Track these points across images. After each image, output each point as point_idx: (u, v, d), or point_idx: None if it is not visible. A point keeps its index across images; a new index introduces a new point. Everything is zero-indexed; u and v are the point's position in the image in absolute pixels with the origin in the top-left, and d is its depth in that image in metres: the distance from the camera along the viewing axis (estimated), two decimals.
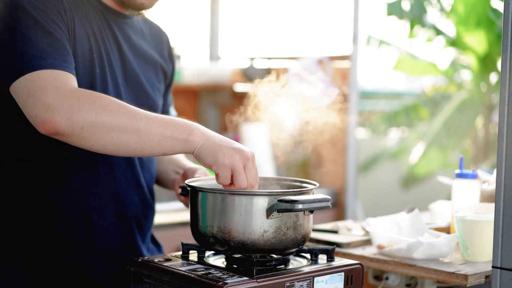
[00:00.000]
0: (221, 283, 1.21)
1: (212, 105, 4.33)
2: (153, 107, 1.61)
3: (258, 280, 1.25)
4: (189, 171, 1.63)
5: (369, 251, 1.74)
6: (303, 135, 3.88)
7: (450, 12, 4.61)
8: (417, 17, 4.57)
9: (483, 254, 1.64)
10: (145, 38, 1.66)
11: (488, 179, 1.98)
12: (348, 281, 1.37)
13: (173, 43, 1.79)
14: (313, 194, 1.37)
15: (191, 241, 1.48)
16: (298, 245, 1.36)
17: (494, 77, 4.61)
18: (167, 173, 1.72)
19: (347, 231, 1.92)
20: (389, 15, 4.58)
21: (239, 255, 1.36)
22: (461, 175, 1.82)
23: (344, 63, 3.78)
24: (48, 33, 1.36)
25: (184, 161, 1.73)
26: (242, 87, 4.22)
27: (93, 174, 1.51)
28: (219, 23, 4.44)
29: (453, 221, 1.75)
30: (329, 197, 1.30)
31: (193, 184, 1.41)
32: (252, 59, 4.18)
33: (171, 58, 1.75)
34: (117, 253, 1.55)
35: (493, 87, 4.58)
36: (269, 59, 4.19)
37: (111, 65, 1.53)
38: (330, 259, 1.40)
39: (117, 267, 1.54)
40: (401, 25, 4.76)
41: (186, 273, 1.29)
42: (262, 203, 1.30)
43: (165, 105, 1.75)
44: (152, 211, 1.67)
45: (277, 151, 3.80)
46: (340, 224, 2.00)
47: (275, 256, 1.38)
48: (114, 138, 1.29)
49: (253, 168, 1.32)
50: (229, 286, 1.21)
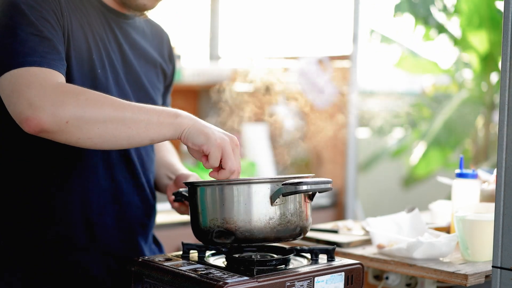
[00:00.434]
0: (221, 283, 1.21)
1: (212, 105, 4.33)
2: None
3: (258, 279, 1.25)
4: (181, 177, 1.63)
5: (369, 251, 1.74)
6: (303, 134, 3.88)
7: (454, 11, 4.61)
8: (421, 15, 4.56)
9: (483, 253, 1.64)
10: (146, 37, 1.66)
11: (488, 179, 1.98)
12: (348, 281, 1.37)
13: (173, 43, 1.79)
14: None
15: (191, 240, 1.48)
16: (300, 234, 1.36)
17: (495, 77, 4.60)
18: (160, 177, 1.72)
19: (347, 231, 1.92)
20: (396, 13, 4.59)
21: (239, 255, 1.36)
22: (461, 175, 1.82)
23: (344, 63, 3.78)
24: (39, 32, 1.36)
25: (177, 166, 1.73)
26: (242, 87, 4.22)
27: (93, 174, 1.50)
28: (219, 23, 4.44)
29: (453, 221, 1.75)
30: (330, 180, 1.32)
31: (191, 181, 1.40)
32: (252, 59, 4.18)
33: (171, 58, 1.74)
34: (118, 253, 1.55)
35: (494, 87, 4.57)
36: (269, 58, 4.19)
37: (113, 65, 1.53)
38: (330, 259, 1.40)
39: (118, 267, 1.54)
40: (404, 22, 4.76)
41: (186, 273, 1.29)
42: (265, 190, 1.30)
43: (164, 105, 1.75)
44: (153, 211, 1.67)
45: (277, 150, 3.80)
46: (340, 224, 2.00)
47: (275, 255, 1.38)
48: (100, 129, 1.28)
49: (239, 154, 1.34)
50: (230, 285, 1.21)
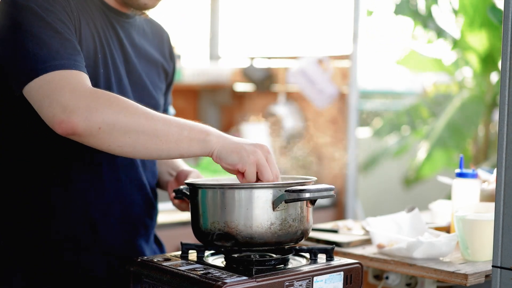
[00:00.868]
0: (220, 283, 1.21)
1: (212, 105, 4.33)
2: (156, 107, 1.61)
3: (257, 279, 1.24)
4: (182, 174, 1.63)
5: (369, 251, 1.73)
6: (304, 134, 3.88)
7: (456, 11, 4.61)
8: (421, 18, 4.56)
9: (483, 253, 1.63)
10: (146, 37, 1.66)
11: (488, 179, 1.98)
12: (347, 281, 1.37)
13: (174, 42, 1.79)
14: None
15: (192, 240, 1.47)
16: (300, 238, 1.36)
17: (495, 77, 4.60)
18: (160, 173, 1.72)
19: (347, 231, 1.92)
20: (396, 14, 4.59)
21: (238, 255, 1.36)
22: (461, 175, 1.82)
23: (344, 63, 3.78)
24: (58, 33, 1.35)
25: (178, 163, 1.73)
26: (242, 87, 4.22)
27: (97, 175, 1.50)
28: (219, 23, 4.44)
29: (453, 221, 1.75)
30: (333, 186, 1.32)
31: (194, 182, 1.40)
32: (252, 59, 4.18)
33: (172, 56, 1.75)
34: (121, 253, 1.55)
35: (494, 87, 4.57)
36: (269, 58, 4.19)
37: (115, 65, 1.53)
38: (329, 258, 1.40)
39: (120, 267, 1.54)
40: (404, 23, 4.76)
41: (185, 273, 1.28)
42: (267, 195, 1.30)
43: (165, 104, 1.75)
44: (155, 211, 1.67)
45: (277, 150, 3.80)
46: (340, 223, 2.00)
47: (274, 255, 1.38)
48: (131, 138, 1.28)
49: (273, 160, 1.34)
50: (228, 285, 1.20)
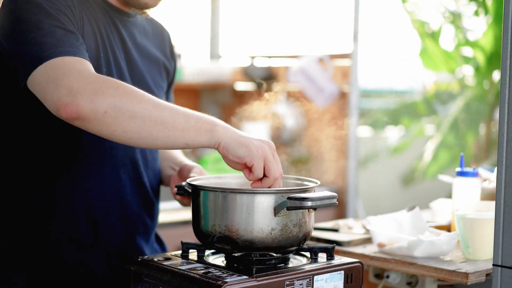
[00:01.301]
0: (220, 282, 1.21)
1: (213, 104, 4.33)
2: None
3: (257, 278, 1.24)
4: (185, 168, 1.62)
5: (369, 250, 1.73)
6: (304, 133, 3.88)
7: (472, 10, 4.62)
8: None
9: (483, 252, 1.63)
10: (148, 36, 1.66)
11: (489, 177, 1.98)
12: (348, 280, 1.37)
13: (174, 41, 1.79)
14: (314, 191, 1.37)
15: (192, 240, 1.47)
16: (301, 242, 1.36)
17: (497, 75, 4.59)
18: (163, 169, 1.71)
19: (348, 230, 1.92)
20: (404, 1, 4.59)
21: (238, 254, 1.36)
22: (461, 173, 1.81)
23: (344, 62, 3.77)
24: (61, 24, 1.35)
25: (180, 158, 1.73)
26: (242, 86, 4.22)
27: (99, 174, 1.50)
28: (220, 22, 4.44)
29: (453, 219, 1.75)
30: (336, 194, 1.31)
31: (196, 183, 1.40)
32: (252, 58, 4.18)
33: (173, 55, 1.75)
34: (121, 253, 1.55)
35: (496, 85, 4.56)
36: (270, 57, 4.19)
37: (118, 64, 1.53)
38: (330, 257, 1.40)
39: (121, 266, 1.54)
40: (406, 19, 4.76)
41: (185, 272, 1.28)
42: (269, 201, 1.30)
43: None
44: (156, 211, 1.67)
45: (278, 149, 3.80)
46: (340, 222, 1.99)
47: (275, 254, 1.38)
48: (137, 124, 1.25)
49: (278, 159, 1.33)
50: (229, 285, 1.20)
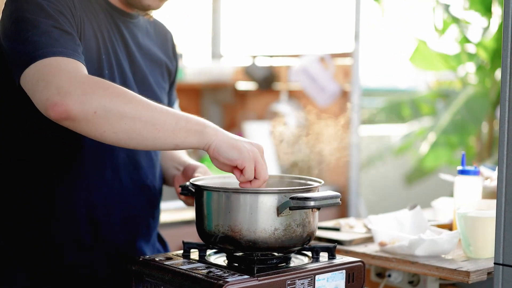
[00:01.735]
0: (221, 282, 1.21)
1: (214, 104, 4.33)
2: None
3: (259, 278, 1.24)
4: (189, 168, 1.62)
5: (371, 249, 1.73)
6: (306, 132, 3.87)
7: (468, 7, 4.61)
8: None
9: (485, 250, 1.63)
10: (150, 37, 1.66)
11: (490, 175, 1.98)
12: (349, 279, 1.37)
13: (176, 41, 1.80)
14: (318, 191, 1.37)
15: (194, 239, 1.47)
16: (305, 242, 1.36)
17: (500, 73, 4.58)
18: (167, 168, 1.71)
19: (349, 229, 1.92)
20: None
21: (240, 253, 1.36)
22: (463, 172, 1.81)
23: (346, 61, 3.77)
24: (60, 25, 1.35)
25: (184, 158, 1.73)
26: (244, 86, 4.22)
27: (100, 176, 1.50)
28: (221, 22, 4.44)
29: (455, 218, 1.75)
30: (339, 194, 1.30)
31: (199, 183, 1.40)
32: (254, 57, 4.18)
33: (175, 56, 1.75)
34: (123, 254, 1.55)
35: (498, 83, 4.56)
36: (271, 57, 4.19)
37: (120, 66, 1.53)
38: (331, 256, 1.40)
39: (122, 267, 1.54)
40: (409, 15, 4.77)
41: (187, 272, 1.28)
42: (272, 201, 1.29)
43: (169, 103, 1.75)
44: (158, 212, 1.67)
45: (280, 148, 3.80)
46: (342, 221, 1.99)
47: (276, 254, 1.38)
48: (127, 125, 1.25)
49: (265, 160, 1.34)
50: (230, 284, 1.20)
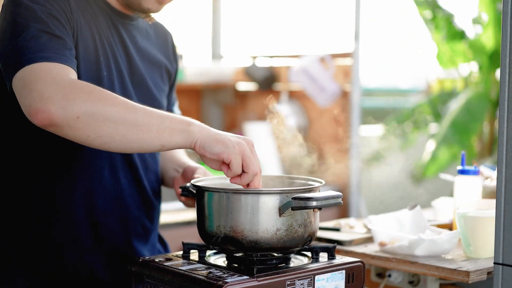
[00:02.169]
0: (221, 282, 1.21)
1: (214, 104, 4.33)
2: (159, 109, 1.61)
3: (258, 278, 1.24)
4: (189, 170, 1.62)
5: (371, 249, 1.73)
6: (307, 133, 3.88)
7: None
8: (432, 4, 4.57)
9: (485, 250, 1.63)
10: (150, 39, 1.66)
11: (491, 175, 1.98)
12: (349, 279, 1.37)
13: (176, 43, 1.80)
14: (319, 191, 1.37)
15: (195, 240, 1.48)
16: (306, 242, 1.36)
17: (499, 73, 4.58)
18: (166, 170, 1.71)
19: (349, 229, 1.91)
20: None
21: (240, 254, 1.36)
22: (463, 172, 1.81)
23: (346, 61, 3.78)
24: (50, 29, 1.35)
25: (184, 159, 1.73)
26: (244, 86, 4.22)
27: (99, 177, 1.50)
28: (221, 22, 4.44)
29: (455, 218, 1.75)
30: (341, 194, 1.30)
31: (200, 184, 1.39)
32: (254, 58, 4.18)
33: (175, 57, 1.75)
34: (122, 254, 1.55)
35: (498, 83, 4.55)
36: (271, 57, 4.19)
37: (119, 68, 1.53)
38: (331, 257, 1.40)
39: (122, 268, 1.54)
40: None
41: (186, 273, 1.29)
42: (274, 201, 1.29)
43: (169, 105, 1.75)
44: (156, 213, 1.67)
45: (280, 149, 3.80)
46: (342, 222, 1.99)
47: (276, 254, 1.38)
48: (110, 128, 1.25)
49: (256, 155, 1.32)
50: (230, 285, 1.21)
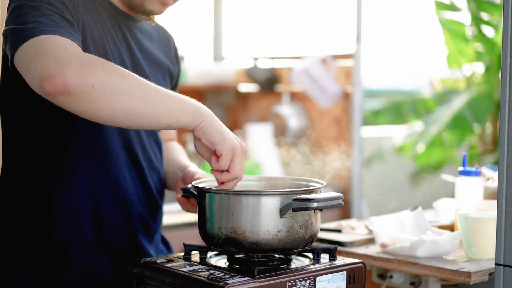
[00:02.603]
0: (222, 284, 1.21)
1: (216, 106, 4.33)
2: None
3: (259, 280, 1.24)
4: (188, 175, 1.62)
5: (372, 250, 1.73)
6: (308, 134, 3.87)
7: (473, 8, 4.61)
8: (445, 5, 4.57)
9: (486, 251, 1.63)
10: (153, 41, 1.67)
11: (492, 176, 1.98)
12: (350, 280, 1.37)
13: (178, 45, 1.80)
14: (320, 192, 1.37)
15: (197, 241, 1.48)
16: (308, 243, 1.36)
17: None
18: (168, 173, 1.72)
19: (351, 230, 1.92)
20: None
21: (241, 255, 1.36)
22: (464, 173, 1.81)
23: (347, 62, 3.78)
24: (61, 11, 1.34)
25: (184, 162, 1.73)
26: (246, 87, 4.23)
27: (103, 174, 1.51)
28: (223, 24, 4.44)
29: (456, 219, 1.75)
30: (342, 195, 1.30)
31: (202, 185, 1.40)
32: (256, 59, 4.18)
33: (177, 59, 1.76)
34: (126, 253, 1.55)
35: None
36: (273, 59, 4.19)
37: (125, 66, 1.53)
38: (332, 258, 1.40)
39: (125, 267, 1.54)
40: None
41: (187, 274, 1.29)
42: (275, 202, 1.29)
43: None
44: (159, 212, 1.67)
45: (281, 150, 3.80)
46: (343, 223, 2.00)
47: (277, 255, 1.38)
48: (123, 101, 1.24)
49: (243, 163, 1.32)
50: (230, 286, 1.21)
